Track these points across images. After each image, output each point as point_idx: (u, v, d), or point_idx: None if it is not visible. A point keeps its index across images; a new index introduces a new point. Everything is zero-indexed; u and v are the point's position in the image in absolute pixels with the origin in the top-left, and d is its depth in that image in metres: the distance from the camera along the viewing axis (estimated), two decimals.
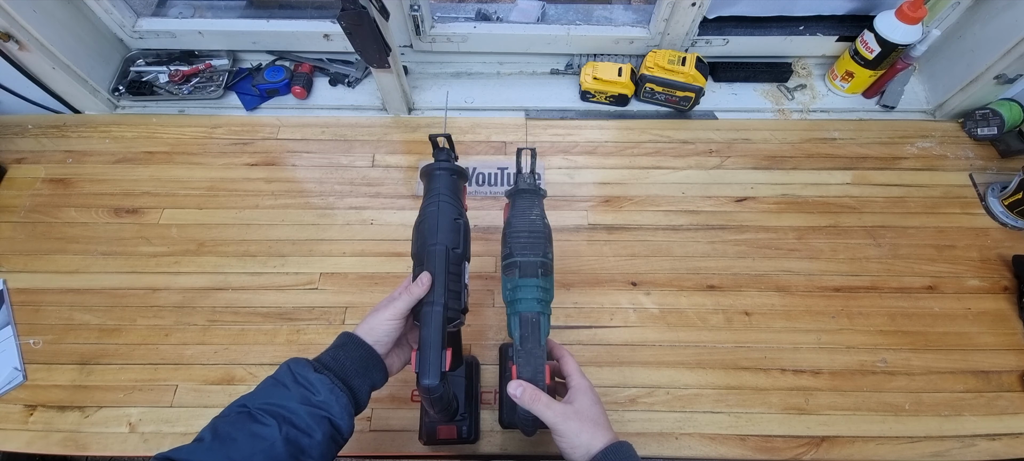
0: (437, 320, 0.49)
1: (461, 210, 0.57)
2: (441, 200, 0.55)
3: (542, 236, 0.56)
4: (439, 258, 0.52)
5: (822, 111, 0.97)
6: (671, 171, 0.89)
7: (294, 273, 0.79)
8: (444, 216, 0.54)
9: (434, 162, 0.59)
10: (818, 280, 0.78)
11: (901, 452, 0.67)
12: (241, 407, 0.44)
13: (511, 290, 0.54)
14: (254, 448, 0.41)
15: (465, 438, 0.64)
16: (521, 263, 0.54)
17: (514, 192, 0.60)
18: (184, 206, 0.85)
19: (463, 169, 0.60)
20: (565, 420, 0.48)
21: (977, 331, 0.75)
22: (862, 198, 0.86)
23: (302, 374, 0.46)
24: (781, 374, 0.71)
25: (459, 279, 0.53)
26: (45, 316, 0.76)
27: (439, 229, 0.53)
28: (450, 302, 0.51)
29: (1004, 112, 0.87)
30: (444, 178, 0.57)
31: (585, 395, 0.50)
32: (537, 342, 0.52)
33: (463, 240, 0.55)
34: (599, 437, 0.47)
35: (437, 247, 0.52)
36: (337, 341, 0.50)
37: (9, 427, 0.68)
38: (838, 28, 0.95)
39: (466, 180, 0.61)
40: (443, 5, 1.00)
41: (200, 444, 0.41)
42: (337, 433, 0.45)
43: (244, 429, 0.42)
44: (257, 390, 0.46)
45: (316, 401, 0.44)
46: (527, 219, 0.57)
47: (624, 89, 0.94)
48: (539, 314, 0.53)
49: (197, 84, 0.96)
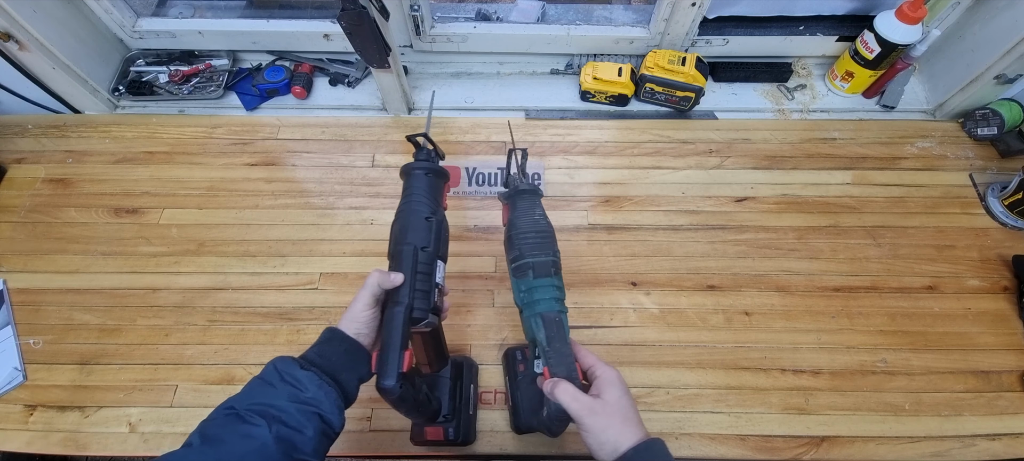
0: (397, 321, 0.49)
1: (435, 208, 0.56)
2: (413, 199, 0.56)
3: (549, 235, 0.56)
4: (407, 258, 0.52)
5: (822, 111, 0.97)
6: (671, 171, 0.89)
7: (294, 273, 0.79)
8: (414, 215, 0.55)
9: (412, 161, 0.59)
10: (818, 280, 0.78)
11: (901, 452, 0.67)
12: (228, 409, 0.43)
13: (527, 292, 0.54)
14: (245, 448, 0.40)
15: (452, 440, 0.63)
16: (534, 264, 0.54)
17: (513, 194, 0.59)
18: (184, 206, 0.85)
19: (441, 168, 0.60)
20: (591, 414, 0.45)
21: (977, 331, 0.75)
22: (862, 198, 0.86)
23: (289, 372, 0.45)
24: (781, 374, 0.71)
25: (429, 278, 0.53)
26: (45, 316, 0.76)
27: (409, 228, 0.54)
28: (417, 302, 0.51)
29: (1004, 112, 0.87)
30: (418, 177, 0.57)
31: (614, 387, 0.47)
32: (564, 341, 0.51)
33: (435, 239, 0.55)
34: (628, 434, 0.44)
35: (406, 247, 0.53)
36: (322, 337, 0.50)
37: (9, 427, 0.68)
38: (838, 28, 0.95)
39: (446, 179, 0.61)
40: (443, 5, 1.00)
41: (189, 449, 0.41)
42: (328, 428, 0.45)
43: (233, 430, 0.41)
44: (244, 391, 0.45)
45: (305, 398, 0.44)
46: (531, 219, 0.57)
47: (624, 89, 0.94)
48: (560, 312, 0.53)
49: (197, 84, 0.96)
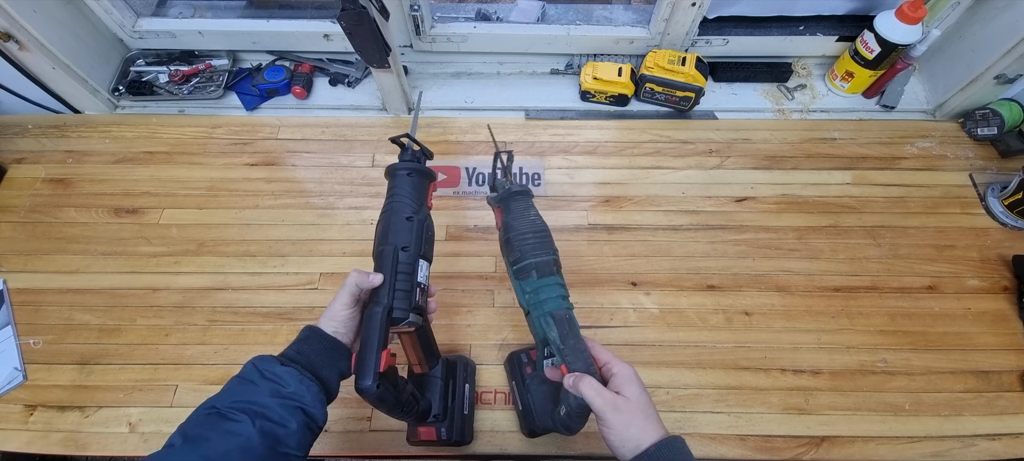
0: (375, 321, 0.49)
1: (417, 208, 0.56)
2: (394, 200, 0.56)
3: (547, 234, 0.56)
4: (387, 259, 0.52)
5: (822, 111, 0.97)
6: (671, 171, 0.89)
7: (294, 273, 0.79)
8: (395, 215, 0.55)
9: (396, 162, 0.59)
10: (818, 280, 0.78)
11: (901, 452, 0.67)
12: (210, 408, 0.43)
13: (532, 293, 0.53)
14: (229, 445, 0.40)
15: (445, 439, 0.63)
16: (537, 264, 0.54)
17: (505, 196, 0.59)
18: (184, 206, 0.85)
19: (424, 168, 0.60)
20: (615, 411, 0.45)
21: (977, 331, 0.75)
22: (862, 198, 0.86)
23: (269, 369, 0.45)
24: (781, 374, 0.71)
25: (411, 278, 0.53)
26: (45, 316, 0.76)
27: (390, 229, 0.54)
28: (398, 302, 0.51)
29: (1004, 112, 0.87)
30: (400, 178, 0.58)
31: (633, 383, 0.47)
32: (577, 336, 0.51)
33: (417, 238, 0.55)
34: (650, 431, 0.44)
35: (386, 248, 0.53)
36: (300, 335, 0.50)
37: (9, 427, 0.68)
38: (838, 28, 0.95)
39: (430, 178, 0.60)
40: (443, 5, 1.00)
41: (171, 450, 0.40)
42: (312, 421, 0.45)
43: (216, 428, 0.41)
44: (224, 390, 0.45)
45: (287, 393, 0.44)
46: (528, 220, 0.56)
47: (624, 89, 0.94)
48: (568, 309, 0.53)
49: (197, 84, 0.96)
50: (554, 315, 0.52)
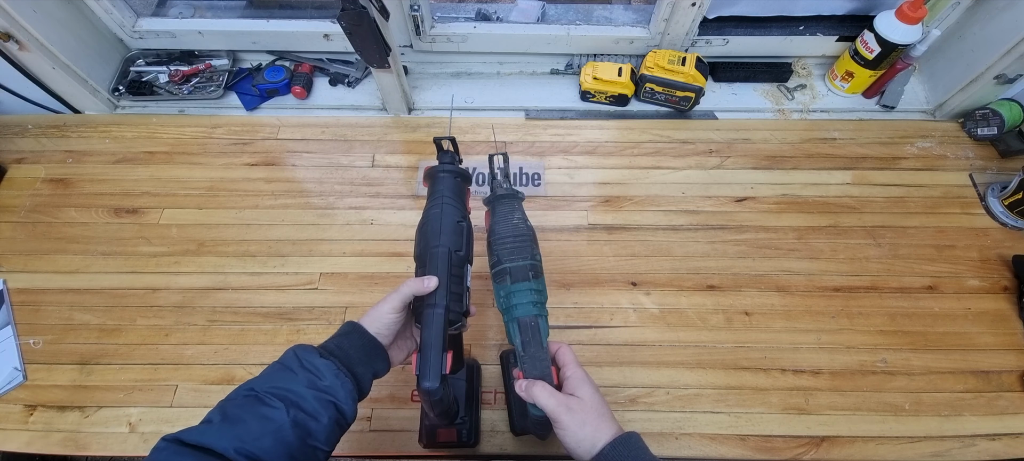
0: (438, 322, 0.49)
1: (464, 213, 0.57)
2: (445, 203, 0.55)
3: (528, 239, 0.56)
4: (442, 260, 0.52)
5: (822, 111, 0.97)
6: (671, 171, 0.89)
7: (294, 273, 0.79)
8: (447, 218, 0.54)
9: (438, 164, 0.59)
10: (818, 280, 0.78)
11: (901, 452, 0.67)
12: (248, 390, 0.44)
13: (505, 297, 0.54)
14: (263, 429, 0.41)
15: (465, 442, 0.64)
16: (511, 269, 0.54)
17: (492, 199, 0.60)
18: (184, 206, 0.85)
19: (466, 172, 0.60)
20: (568, 412, 0.46)
21: (977, 331, 0.75)
22: (862, 198, 0.86)
23: (308, 359, 0.46)
24: (781, 374, 0.71)
25: (461, 282, 0.53)
26: (45, 316, 0.76)
27: (442, 231, 0.54)
28: (452, 305, 0.51)
29: (1004, 112, 0.87)
30: (448, 181, 0.57)
31: (585, 384, 0.49)
32: (539, 345, 0.52)
33: (466, 243, 0.55)
34: (604, 429, 0.46)
35: (440, 248, 0.52)
36: (342, 329, 0.51)
37: (9, 427, 0.68)
38: (838, 28, 0.95)
39: (469, 182, 0.62)
40: (443, 5, 1.00)
41: (209, 426, 0.42)
42: (342, 417, 0.46)
43: (253, 411, 0.42)
44: (263, 374, 0.46)
45: (322, 386, 0.45)
46: (510, 224, 0.57)
47: (624, 89, 0.94)
48: (536, 317, 0.53)
49: (197, 84, 0.96)
50: (520, 321, 0.52)
